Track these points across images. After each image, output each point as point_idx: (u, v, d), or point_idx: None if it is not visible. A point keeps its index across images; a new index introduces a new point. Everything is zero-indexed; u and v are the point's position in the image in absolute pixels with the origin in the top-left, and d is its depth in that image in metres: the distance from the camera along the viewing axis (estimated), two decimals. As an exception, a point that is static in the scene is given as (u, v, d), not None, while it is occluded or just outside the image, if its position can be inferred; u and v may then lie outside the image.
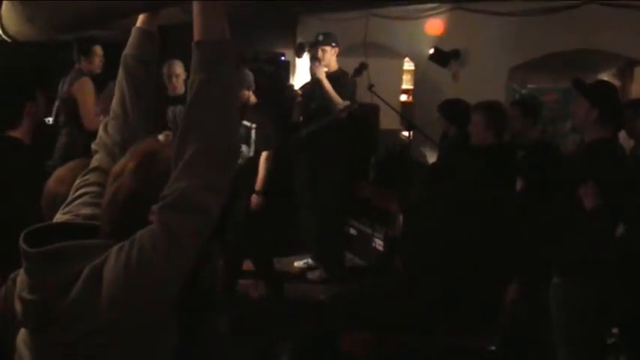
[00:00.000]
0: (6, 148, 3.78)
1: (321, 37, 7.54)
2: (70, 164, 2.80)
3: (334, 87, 7.29)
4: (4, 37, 3.80)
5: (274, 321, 6.43)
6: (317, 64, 7.41)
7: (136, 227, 1.87)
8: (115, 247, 1.86)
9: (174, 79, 7.07)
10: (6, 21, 3.39)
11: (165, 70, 7.02)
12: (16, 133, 3.79)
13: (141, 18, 2.44)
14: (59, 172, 2.82)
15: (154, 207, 1.84)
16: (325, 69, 7.39)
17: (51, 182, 2.77)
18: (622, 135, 4.83)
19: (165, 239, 1.81)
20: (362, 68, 7.55)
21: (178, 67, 7.03)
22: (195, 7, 1.95)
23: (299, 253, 8.20)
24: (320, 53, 7.50)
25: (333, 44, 7.47)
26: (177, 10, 2.18)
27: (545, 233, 4.46)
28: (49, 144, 6.88)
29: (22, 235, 1.95)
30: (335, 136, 7.41)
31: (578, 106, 4.39)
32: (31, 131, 3.89)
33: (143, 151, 2.04)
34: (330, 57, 7.48)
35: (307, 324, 6.17)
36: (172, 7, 2.09)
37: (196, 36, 1.95)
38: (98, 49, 7.08)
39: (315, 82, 7.47)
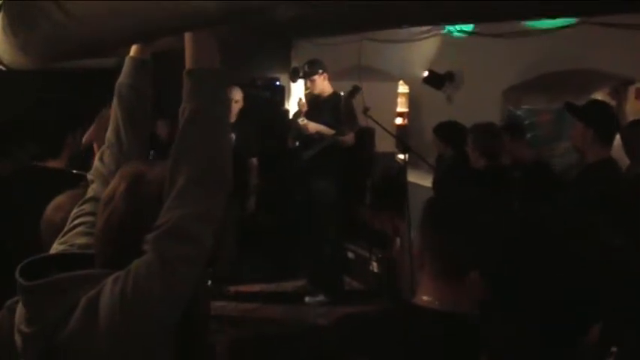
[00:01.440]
0: (49, 178, 3.86)
1: (306, 68, 7.57)
2: (71, 192, 2.80)
3: (329, 110, 7.37)
4: (-2, 65, 3.82)
5: (272, 344, 6.42)
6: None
7: (130, 254, 1.87)
8: (111, 278, 1.85)
9: None
10: (0, 50, 3.41)
11: None
12: (56, 164, 3.88)
13: (134, 47, 2.45)
14: (58, 199, 2.82)
15: (148, 237, 1.84)
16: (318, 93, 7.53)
17: (49, 209, 2.77)
18: (616, 154, 4.83)
19: (160, 269, 1.81)
20: (355, 91, 7.56)
21: None
22: (187, 37, 1.96)
23: (296, 276, 8.20)
24: (309, 84, 7.56)
25: (320, 71, 7.49)
26: (169, 38, 2.19)
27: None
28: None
29: (18, 268, 1.94)
30: (331, 159, 7.43)
31: (574, 129, 4.41)
32: (67, 161, 4.02)
33: (130, 174, 2.04)
34: (321, 83, 7.51)
35: (305, 348, 6.14)
36: (164, 37, 2.09)
37: (188, 64, 1.96)
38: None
39: (312, 108, 7.54)
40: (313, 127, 7.39)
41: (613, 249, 3.70)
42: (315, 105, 7.62)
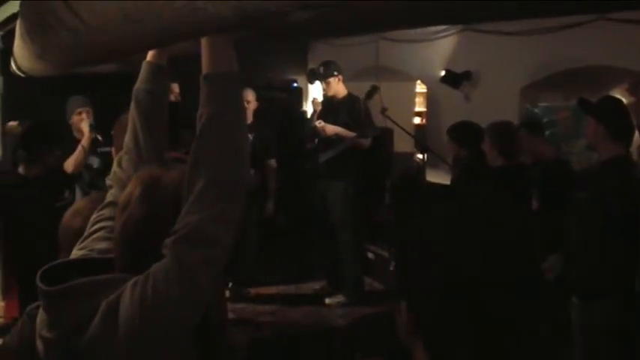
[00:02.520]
0: None
1: (321, 70, 7.55)
2: (90, 197, 2.81)
3: (344, 112, 7.37)
4: (18, 72, 3.86)
5: (291, 346, 6.42)
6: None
7: (149, 258, 1.87)
8: (131, 282, 1.86)
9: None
10: (19, 57, 3.44)
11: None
12: None
13: (151, 52, 2.46)
14: (77, 204, 2.84)
15: (167, 241, 1.85)
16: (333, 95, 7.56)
17: (67, 214, 2.79)
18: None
19: (178, 273, 1.81)
20: (373, 91, 7.55)
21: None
22: (203, 41, 1.97)
23: (316, 277, 8.21)
24: (324, 86, 7.55)
25: (335, 73, 7.48)
26: (185, 43, 2.20)
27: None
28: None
29: (39, 273, 1.96)
30: (349, 162, 7.42)
31: (588, 125, 4.40)
32: None
33: (146, 178, 2.04)
34: (335, 85, 7.50)
35: (324, 349, 6.15)
36: (180, 42, 2.10)
37: (204, 69, 1.96)
38: (175, 87, 6.79)
39: (327, 110, 7.55)
40: (331, 129, 7.38)
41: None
42: (329, 107, 7.63)
